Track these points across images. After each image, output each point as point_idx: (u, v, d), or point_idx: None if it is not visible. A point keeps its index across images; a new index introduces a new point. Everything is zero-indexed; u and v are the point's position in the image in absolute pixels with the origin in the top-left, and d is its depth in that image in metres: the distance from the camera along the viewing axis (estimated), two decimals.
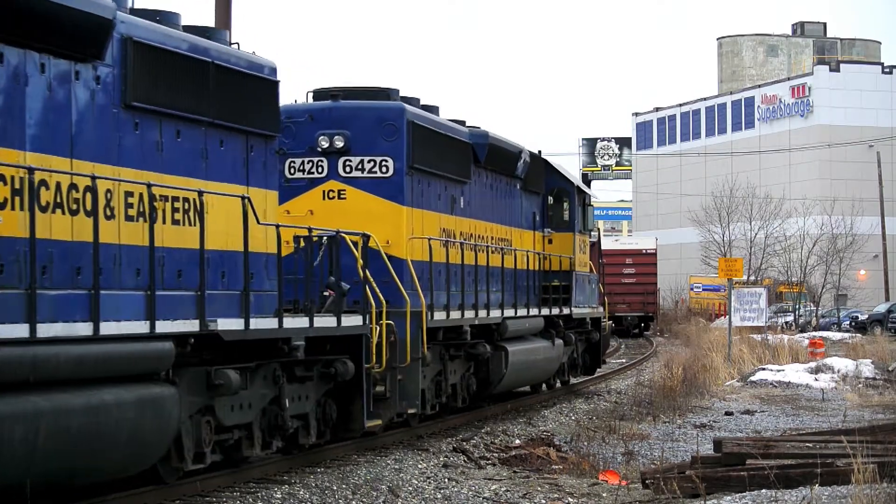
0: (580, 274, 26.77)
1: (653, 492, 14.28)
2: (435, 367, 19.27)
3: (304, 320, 14.58)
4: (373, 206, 18.37)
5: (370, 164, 18.46)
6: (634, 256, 59.14)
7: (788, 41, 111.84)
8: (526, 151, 24.24)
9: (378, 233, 17.51)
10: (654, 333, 58.84)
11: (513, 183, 23.85)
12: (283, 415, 14.55)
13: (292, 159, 18.52)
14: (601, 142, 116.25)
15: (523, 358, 22.65)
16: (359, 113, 18.60)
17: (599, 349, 29.26)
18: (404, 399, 17.70)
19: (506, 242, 23.13)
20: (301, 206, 18.33)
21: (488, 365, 21.44)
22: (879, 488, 12.16)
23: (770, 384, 29.67)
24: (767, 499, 12.74)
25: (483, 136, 21.76)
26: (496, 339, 21.56)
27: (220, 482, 13.92)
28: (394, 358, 17.17)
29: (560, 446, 19.44)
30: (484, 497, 14.56)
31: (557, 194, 26.40)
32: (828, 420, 22.37)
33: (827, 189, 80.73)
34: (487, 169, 22.21)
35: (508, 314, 22.02)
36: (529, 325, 23.44)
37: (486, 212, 22.29)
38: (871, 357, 34.61)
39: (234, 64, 14.00)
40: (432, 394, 19.29)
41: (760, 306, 39.17)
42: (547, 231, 25.92)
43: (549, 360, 24.81)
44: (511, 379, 22.43)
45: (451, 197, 20.53)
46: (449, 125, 20.75)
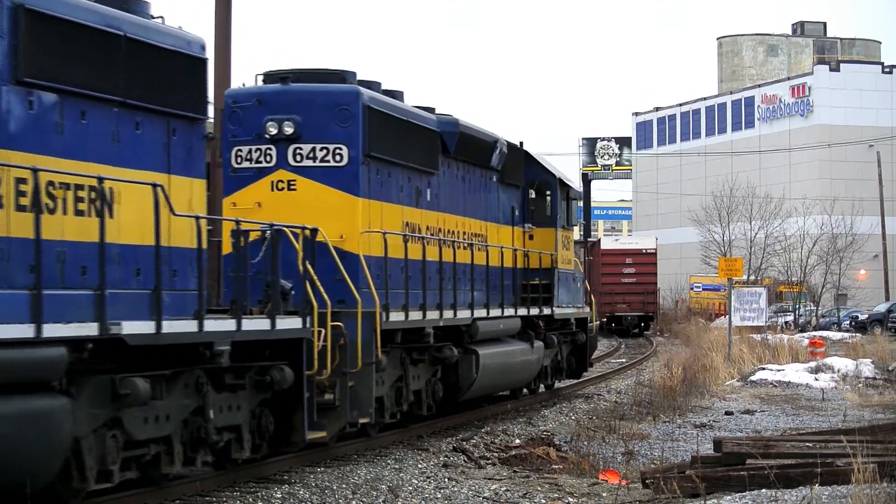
0: (563, 271, 25.39)
1: (653, 492, 14.28)
2: (394, 373, 17.87)
3: (229, 323, 13.18)
4: (325, 197, 16.94)
5: (322, 153, 17.03)
6: (634, 256, 59.15)
7: (788, 41, 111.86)
8: (502, 141, 22.77)
9: (331, 226, 16.25)
10: (654, 333, 58.84)
11: (488, 175, 22.42)
12: (208, 427, 13.12)
13: (239, 147, 17.21)
14: (601, 142, 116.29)
15: (497, 361, 21.19)
16: (310, 97, 17.14)
17: (586, 351, 27.77)
18: (356, 408, 16.22)
19: (480, 238, 21.72)
20: (248, 197, 17.09)
21: (457, 369, 19.98)
22: (879, 488, 12.16)
23: (770, 384, 29.67)
24: (767, 499, 12.74)
25: (452, 123, 20.24)
26: (466, 341, 20.08)
27: (219, 482, 13.93)
28: (344, 363, 15.88)
29: (560, 446, 19.44)
30: (484, 497, 14.56)
31: (539, 187, 24.89)
32: (828, 420, 22.38)
33: (827, 189, 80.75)
34: (458, 159, 20.75)
35: (480, 315, 20.54)
36: (504, 326, 21.93)
37: (458, 205, 20.83)
38: (871, 357, 34.61)
39: (153, 39, 12.55)
40: (392, 401, 17.88)
41: (760, 306, 39.19)
42: (527, 226, 24.43)
43: (527, 363, 23.28)
44: (483, 384, 20.88)
45: (416, 188, 19.05)
46: (413, 111, 19.21)
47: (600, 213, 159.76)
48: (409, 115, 18.90)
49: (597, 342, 31.06)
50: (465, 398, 20.77)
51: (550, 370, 25.79)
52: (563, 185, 25.48)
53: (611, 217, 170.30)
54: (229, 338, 13.06)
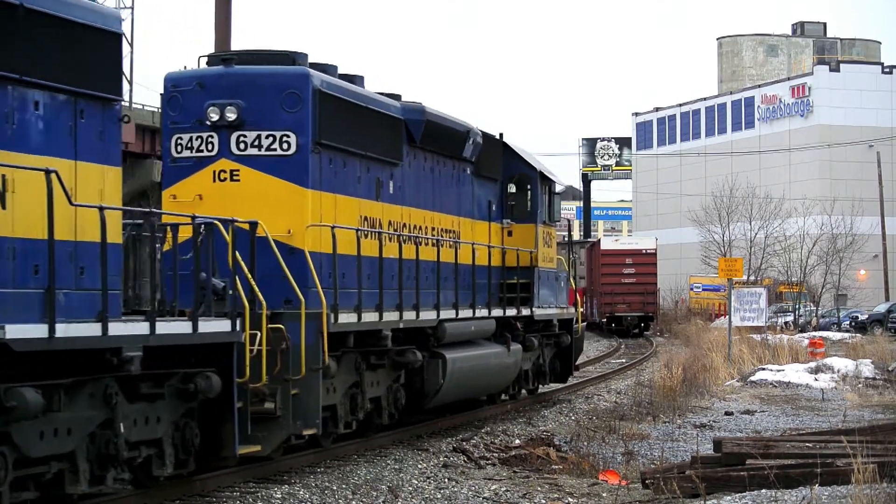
0: (544, 270, 23.96)
1: (653, 492, 14.29)
2: (347, 379, 16.54)
3: (140, 326, 11.79)
4: (271, 188, 15.62)
5: (268, 140, 15.68)
6: (634, 256, 59.15)
7: (788, 41, 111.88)
8: (476, 131, 21.38)
9: (278, 220, 15.15)
10: (654, 333, 58.84)
11: (461, 167, 21.00)
12: (118, 441, 11.72)
13: (179, 135, 15.86)
14: (601, 142, 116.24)
15: (468, 366, 19.88)
16: (255, 80, 15.79)
17: (571, 354, 26.40)
18: (300, 418, 14.81)
19: (452, 234, 20.38)
20: (188, 189, 15.71)
21: (423, 375, 18.69)
22: (879, 488, 12.16)
23: (770, 384, 29.66)
24: (767, 499, 12.74)
25: (417, 110, 18.89)
26: (432, 344, 18.82)
27: (219, 482, 13.93)
28: (286, 369, 14.49)
29: (560, 446, 19.44)
30: (484, 497, 14.56)
31: (518, 181, 23.43)
32: (828, 420, 22.37)
33: (827, 189, 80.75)
34: (426, 150, 19.37)
35: (447, 316, 19.18)
36: (476, 328, 20.60)
37: (425, 199, 19.44)
38: (871, 357, 34.60)
39: (58, 11, 11.23)
40: (346, 410, 16.58)
41: (760, 306, 39.16)
42: (506, 222, 23.03)
43: (503, 367, 21.86)
44: (452, 390, 19.49)
45: (377, 180, 17.65)
46: (373, 97, 17.86)
47: (600, 213, 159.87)
48: (369, 101, 17.55)
49: (583, 344, 29.06)
50: (433, 405, 19.38)
51: (532, 374, 24.59)
52: (545, 178, 24.16)
53: (611, 217, 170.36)
54: (141, 342, 11.70)
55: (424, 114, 18.97)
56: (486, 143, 21.99)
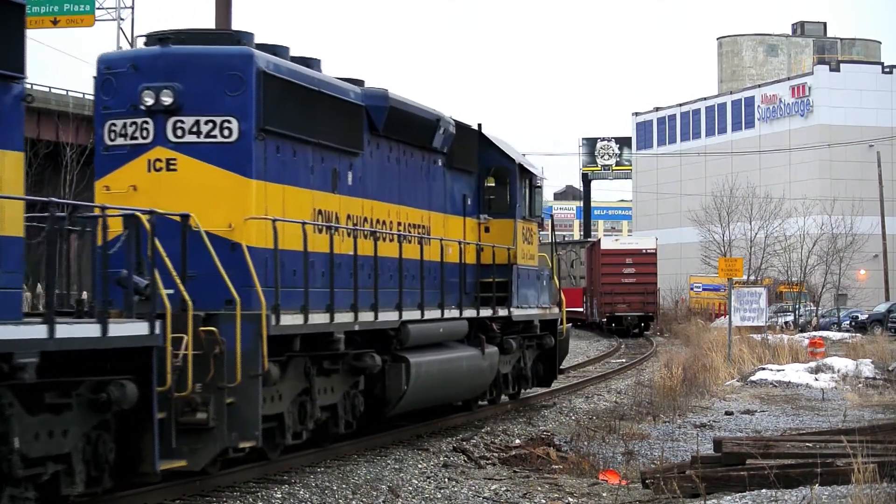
0: (524, 268, 22.55)
1: (653, 492, 14.29)
2: (295, 385, 15.16)
3: (37, 329, 10.53)
4: (211, 179, 14.36)
5: (208, 126, 14.41)
6: (634, 256, 59.13)
7: (788, 41, 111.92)
8: (447, 120, 19.98)
9: (218, 213, 14.06)
10: (654, 333, 58.82)
11: (431, 158, 19.69)
12: (12, 458, 10.51)
13: (113, 121, 14.60)
14: (601, 142, 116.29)
15: (435, 370, 18.55)
16: (193, 60, 14.52)
17: (555, 357, 24.85)
18: (236, 429, 13.46)
19: (422, 230, 19.11)
20: (122, 180, 14.47)
21: (384, 380, 17.41)
22: (879, 488, 12.16)
23: (770, 384, 29.66)
24: (767, 499, 12.74)
25: (380, 97, 17.56)
26: (395, 347, 17.52)
27: (219, 482, 13.93)
28: (220, 376, 13.22)
29: (560, 446, 19.44)
30: (484, 497, 14.56)
31: (496, 174, 22.08)
32: (828, 420, 22.36)
33: (827, 189, 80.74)
34: (391, 139, 18.12)
35: (411, 316, 17.83)
36: (445, 329, 19.19)
37: (390, 191, 18.17)
38: (871, 357, 34.59)
39: None
40: (294, 419, 15.19)
41: (760, 306, 39.15)
42: (483, 217, 21.76)
43: (477, 371, 20.43)
44: (418, 396, 18.14)
45: (333, 171, 16.40)
46: (329, 81, 16.58)
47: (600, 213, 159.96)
48: (323, 86, 16.26)
49: (568, 346, 27.35)
50: (396, 412, 18.04)
51: (512, 378, 23.26)
52: (524, 171, 22.83)
53: (611, 217, 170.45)
54: (37, 347, 10.42)
55: (388, 100, 17.65)
56: (461, 134, 20.77)
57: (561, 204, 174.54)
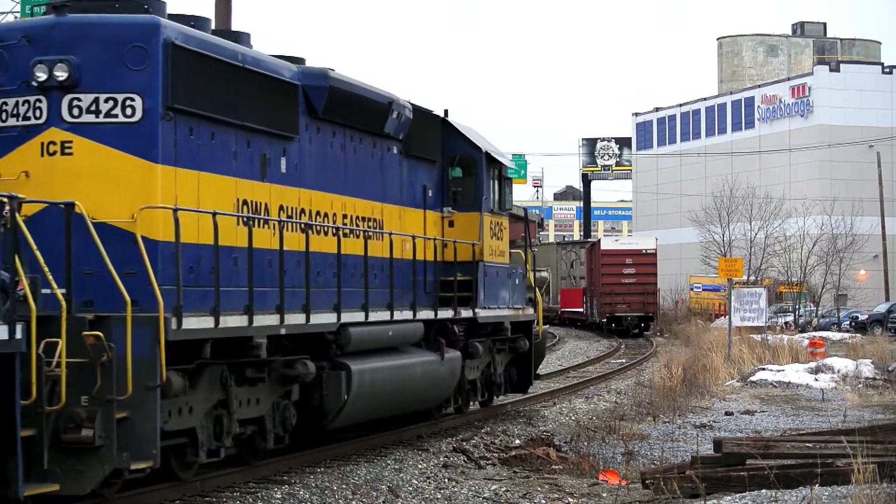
0: (493, 266, 20.91)
1: (653, 492, 14.30)
2: (209, 397, 13.57)
3: None
4: (112, 164, 12.80)
5: (108, 105, 12.84)
6: (634, 256, 59.10)
7: (788, 41, 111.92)
8: (402, 104, 18.40)
9: (119, 202, 12.63)
10: (654, 333, 58.82)
11: (384, 145, 18.15)
12: None
13: (4, 99, 13.01)
14: (601, 142, 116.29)
15: (383, 377, 17.01)
16: (92, 31, 12.89)
17: (530, 361, 23.05)
18: (129, 448, 11.79)
19: (373, 223, 17.63)
20: (14, 165, 12.88)
21: (322, 390, 15.81)
22: (879, 488, 12.17)
23: (770, 384, 29.66)
24: (767, 499, 12.75)
25: (319, 76, 16.01)
26: (334, 353, 15.95)
27: (219, 482, 13.94)
28: (108, 387, 11.57)
29: (560, 446, 19.45)
30: (484, 497, 14.57)
31: (461, 163, 20.49)
32: (828, 420, 22.37)
33: (827, 189, 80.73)
34: (334, 123, 16.58)
35: (353, 318, 16.18)
36: (396, 332, 17.50)
37: (333, 181, 16.60)
38: (871, 357, 34.61)
39: None
40: (209, 434, 13.56)
41: (760, 306, 39.14)
42: (447, 211, 20.25)
43: (435, 378, 18.81)
44: (361, 407, 16.47)
45: (262, 157, 14.85)
46: (255, 57, 14.93)
47: (600, 213, 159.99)
48: (249, 61, 14.63)
49: (545, 349, 25.47)
50: (337, 425, 16.38)
51: (481, 384, 21.57)
52: (493, 160, 21.06)
53: (611, 217, 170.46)
54: None
55: (328, 79, 16.06)
56: (420, 120, 19.14)
57: (561, 204, 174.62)
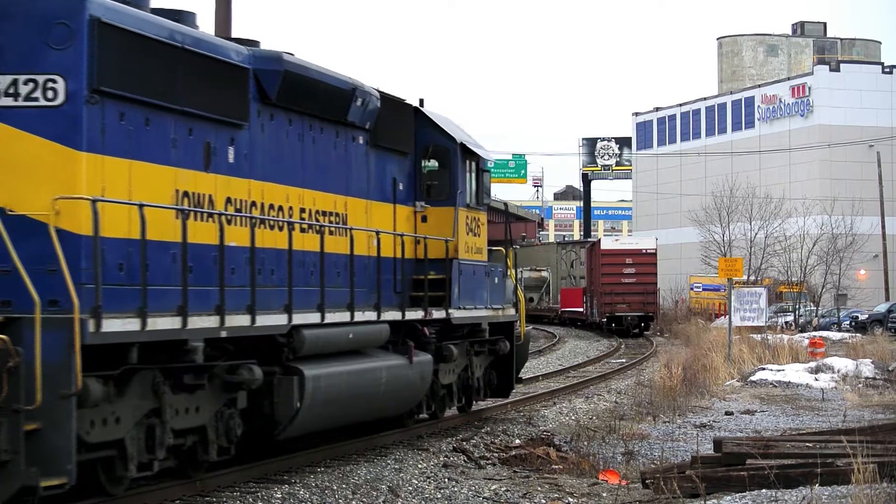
0: (469, 263, 19.74)
1: (653, 492, 14.30)
2: (140, 406, 12.43)
3: None
4: (32, 151, 11.83)
5: (28, 87, 11.95)
6: (634, 256, 59.10)
7: (788, 41, 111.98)
8: (367, 90, 17.24)
9: (39, 192, 11.64)
10: (654, 333, 58.83)
11: (349, 135, 17.01)
12: None
13: None
14: (601, 142, 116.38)
15: (341, 383, 15.81)
16: (11, 7, 12.03)
17: (512, 364, 21.89)
18: (40, 462, 10.90)
19: (335, 218, 16.52)
20: None
21: (272, 397, 14.63)
22: (879, 488, 12.17)
23: (770, 384, 29.67)
24: (767, 499, 12.75)
25: (272, 59, 14.93)
26: (286, 357, 14.72)
27: (219, 482, 13.94)
28: (15, 397, 10.79)
29: (560, 446, 19.45)
30: (484, 497, 14.57)
31: (434, 155, 19.39)
32: (828, 420, 22.37)
33: (827, 189, 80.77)
34: (290, 110, 15.48)
35: (307, 319, 14.94)
36: (357, 335, 16.27)
37: (290, 172, 15.50)
38: (871, 357, 34.61)
39: None
40: (140, 446, 12.44)
41: (760, 306, 39.16)
42: (420, 205, 19.13)
43: (403, 383, 17.64)
44: (316, 415, 15.25)
45: (206, 145, 13.77)
46: (198, 37, 13.82)
47: (600, 213, 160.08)
48: (190, 42, 13.52)
49: (527, 351, 24.09)
50: (289, 435, 15.11)
51: (458, 389, 20.48)
52: (468, 152, 19.97)
53: (611, 217, 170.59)
54: None
55: (281, 63, 14.99)
56: (389, 109, 18.07)
57: (561, 204, 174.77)
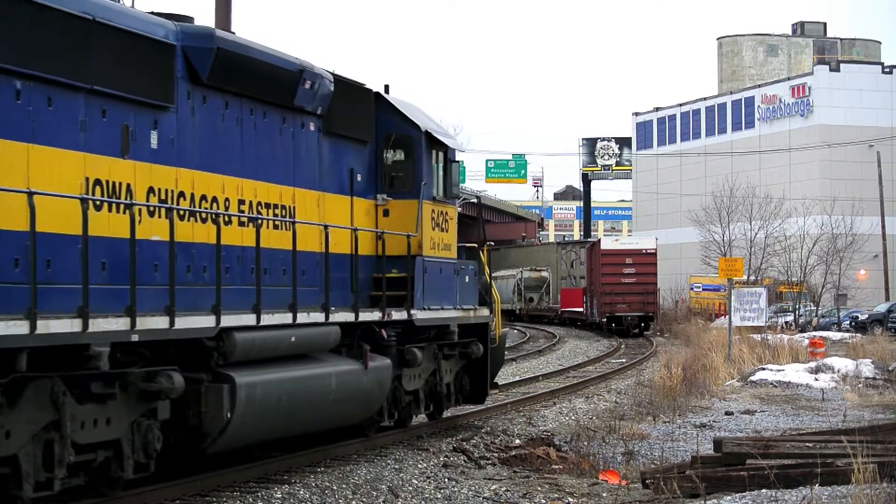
0: (435, 261, 18.43)
1: (653, 492, 14.30)
2: (35, 418, 11.12)
3: None
4: None
5: None
6: (634, 256, 59.11)
7: (788, 41, 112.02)
8: (317, 73, 15.96)
9: None
10: (654, 333, 58.82)
11: (297, 121, 15.78)
12: None
13: None
14: (601, 142, 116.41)
15: (281, 391, 14.34)
16: None
17: (486, 368, 20.44)
18: None
19: (281, 211, 15.28)
20: None
21: (200, 407, 13.19)
22: (879, 488, 12.17)
23: (770, 384, 29.67)
24: (767, 499, 12.75)
25: (203, 36, 13.64)
26: (216, 363, 13.31)
27: (220, 482, 13.94)
28: None
29: (560, 446, 19.44)
30: (484, 497, 14.57)
31: (399, 144, 18.11)
32: (828, 420, 22.37)
33: (827, 189, 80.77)
34: (226, 92, 14.17)
35: (240, 322, 13.48)
36: (301, 338, 14.79)
37: (227, 160, 14.18)
38: (871, 357, 34.61)
39: None
40: (36, 464, 11.13)
41: (760, 306, 39.15)
42: (382, 198, 17.84)
43: (357, 390, 16.21)
44: (252, 426, 13.82)
45: (124, 129, 12.46)
46: (113, 9, 12.51)
47: (600, 213, 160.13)
48: (102, 13, 12.20)
49: (504, 354, 22.35)
50: (220, 448, 13.59)
51: (425, 395, 19.03)
52: (434, 141, 18.58)
53: (611, 217, 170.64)
54: None
55: (214, 40, 13.69)
56: (346, 94, 16.86)
57: (561, 204, 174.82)
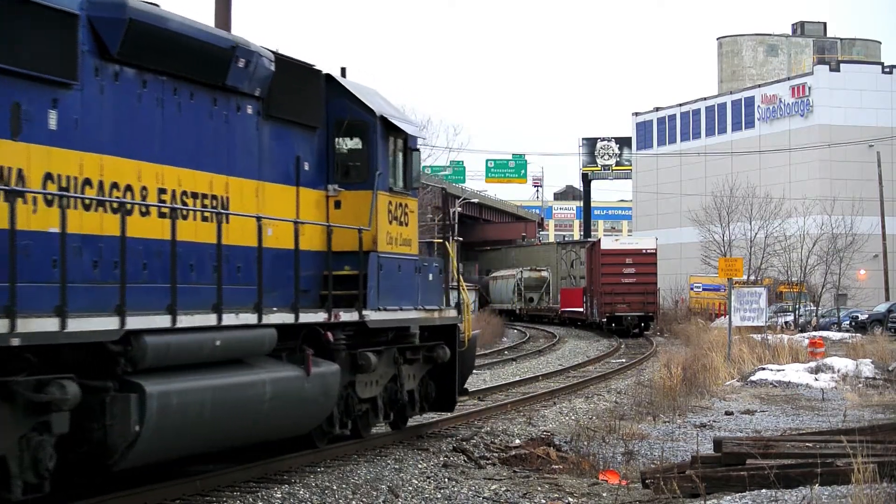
0: (391, 257, 17.09)
1: (653, 491, 14.30)
2: None
3: None
4: None
5: None
6: (634, 256, 59.12)
7: (788, 41, 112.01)
8: (255, 51, 14.69)
9: None
10: (654, 333, 58.82)
11: (231, 103, 14.43)
12: None
13: None
14: (601, 142, 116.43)
15: (201, 400, 12.84)
16: None
17: (454, 374, 19.17)
18: None
19: (213, 201, 13.94)
20: None
21: (105, 420, 11.75)
22: (879, 488, 12.17)
23: (770, 384, 29.66)
24: (767, 499, 12.75)
25: (112, 5, 12.33)
26: (123, 370, 11.86)
27: (220, 482, 13.94)
28: None
29: (560, 446, 19.44)
30: (484, 497, 14.57)
31: (352, 131, 16.76)
32: (828, 420, 22.36)
33: (827, 189, 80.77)
34: (143, 69, 12.86)
35: (153, 324, 12.09)
36: (227, 342, 13.30)
37: (145, 144, 12.89)
38: (871, 357, 34.60)
39: None
40: None
41: (760, 306, 39.15)
42: (333, 188, 16.54)
43: (297, 399, 14.78)
44: (167, 440, 12.37)
45: (15, 108, 11.19)
46: None
47: (600, 213, 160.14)
48: None
49: (474, 358, 20.61)
50: (129, 464, 12.11)
51: (384, 403, 17.72)
52: (392, 127, 17.23)
53: (611, 217, 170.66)
54: None
55: (125, 10, 12.37)
56: (289, 75, 15.53)
57: (561, 204, 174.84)
